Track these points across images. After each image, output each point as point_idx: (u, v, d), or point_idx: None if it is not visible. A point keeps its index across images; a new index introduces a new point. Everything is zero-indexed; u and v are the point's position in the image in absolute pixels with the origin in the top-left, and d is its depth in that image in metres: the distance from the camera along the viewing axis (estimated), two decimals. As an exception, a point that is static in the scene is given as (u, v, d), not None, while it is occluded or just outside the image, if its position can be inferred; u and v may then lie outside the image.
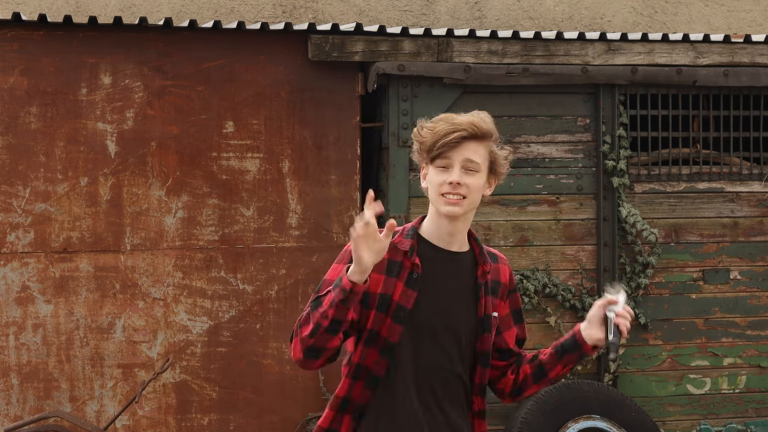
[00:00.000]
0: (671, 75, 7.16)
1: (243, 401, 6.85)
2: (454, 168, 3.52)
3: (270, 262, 6.87)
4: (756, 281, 7.37)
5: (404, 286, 3.52)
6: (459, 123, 3.55)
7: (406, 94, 6.93)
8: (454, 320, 3.57)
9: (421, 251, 3.57)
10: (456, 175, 3.51)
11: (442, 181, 3.52)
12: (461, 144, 3.52)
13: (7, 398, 6.63)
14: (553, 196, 7.14)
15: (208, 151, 6.82)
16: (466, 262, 3.61)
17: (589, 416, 6.81)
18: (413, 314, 3.51)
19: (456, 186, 3.51)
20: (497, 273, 3.67)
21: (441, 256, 3.58)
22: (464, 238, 3.61)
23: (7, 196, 6.63)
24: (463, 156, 3.52)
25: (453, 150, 3.52)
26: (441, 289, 3.57)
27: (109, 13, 8.53)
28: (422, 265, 3.54)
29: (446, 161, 3.52)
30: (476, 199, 3.55)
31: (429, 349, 3.54)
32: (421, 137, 3.58)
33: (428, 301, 3.54)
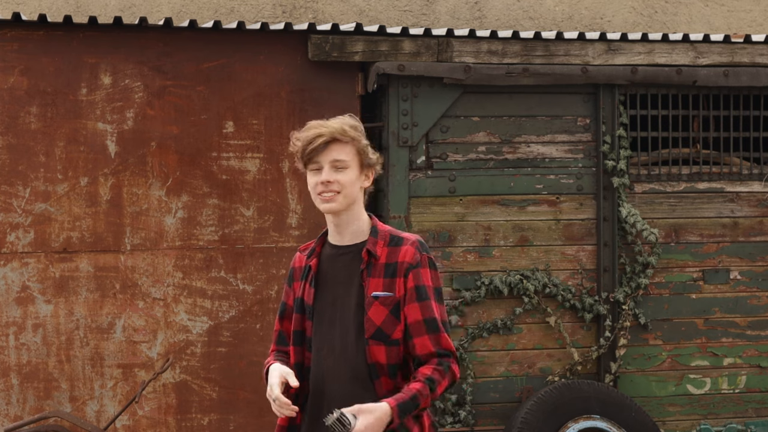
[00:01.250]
0: (671, 75, 7.16)
1: (243, 401, 6.85)
2: (324, 169, 3.89)
3: (270, 262, 6.87)
4: (756, 281, 7.37)
5: (308, 285, 3.99)
6: (323, 128, 3.90)
7: (406, 94, 6.93)
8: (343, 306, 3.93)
9: (323, 252, 4.01)
10: (325, 175, 3.88)
11: (316, 182, 3.91)
12: (327, 147, 3.88)
13: (7, 398, 6.63)
14: (553, 196, 7.14)
15: (208, 151, 6.82)
16: (357, 252, 3.94)
17: (589, 416, 6.81)
18: (314, 308, 3.96)
19: (327, 184, 3.88)
20: (395, 254, 3.91)
21: (335, 252, 3.98)
22: (359, 229, 3.96)
23: (7, 196, 6.63)
24: (330, 157, 3.88)
25: (320, 153, 3.88)
26: (333, 280, 3.96)
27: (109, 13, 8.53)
28: (321, 263, 3.99)
29: (317, 164, 3.90)
30: (352, 193, 3.91)
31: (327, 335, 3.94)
32: (294, 146, 3.95)
33: (323, 293, 3.96)
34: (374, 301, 3.88)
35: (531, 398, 6.88)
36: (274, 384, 3.90)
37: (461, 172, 7.02)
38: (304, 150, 3.89)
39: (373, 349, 3.88)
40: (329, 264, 3.98)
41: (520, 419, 6.76)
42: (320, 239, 4.04)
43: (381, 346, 3.88)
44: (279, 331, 4.11)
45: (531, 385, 7.09)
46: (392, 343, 3.88)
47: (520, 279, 7.04)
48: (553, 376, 7.09)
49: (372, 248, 3.91)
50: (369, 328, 3.88)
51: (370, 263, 3.91)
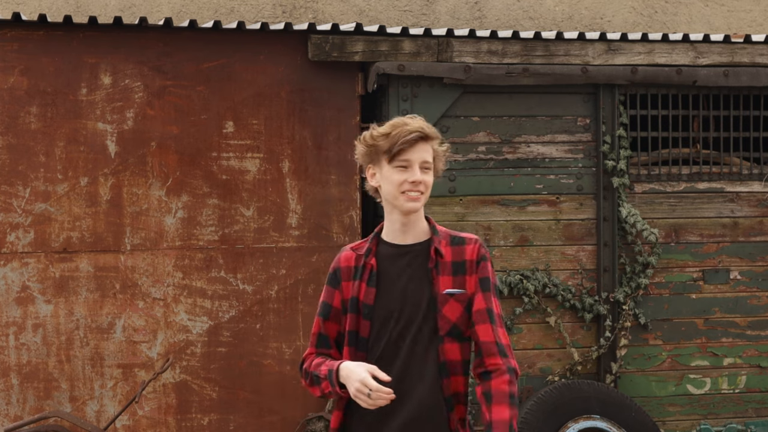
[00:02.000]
0: (671, 75, 7.16)
1: (243, 401, 6.85)
2: (413, 167, 3.87)
3: (270, 262, 6.87)
4: (756, 281, 7.37)
5: (366, 285, 3.93)
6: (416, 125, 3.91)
7: (406, 94, 6.93)
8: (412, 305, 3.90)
9: (379, 251, 3.97)
10: (418, 174, 3.86)
11: (403, 179, 3.87)
12: (417, 144, 3.87)
13: (7, 398, 6.63)
14: (553, 196, 7.14)
15: (208, 151, 6.82)
16: (422, 251, 3.95)
17: (589, 416, 6.81)
18: (375, 308, 3.91)
19: (417, 184, 3.86)
20: (461, 253, 3.95)
21: (397, 251, 3.95)
22: (420, 230, 3.97)
23: (7, 196, 6.63)
24: (420, 157, 3.88)
25: (410, 150, 3.86)
26: (398, 280, 3.93)
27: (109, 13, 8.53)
28: (380, 263, 3.94)
29: (406, 161, 3.86)
30: (428, 195, 3.93)
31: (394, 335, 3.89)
32: (375, 141, 3.90)
33: (386, 294, 3.92)
34: (449, 299, 3.90)
35: (531, 398, 6.88)
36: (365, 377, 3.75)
37: (461, 172, 7.02)
38: (394, 144, 3.85)
39: (447, 346, 3.89)
40: (390, 263, 3.95)
41: (520, 419, 6.76)
42: (374, 239, 3.99)
43: (455, 343, 3.90)
44: (319, 333, 4.03)
45: (531, 385, 7.09)
46: (465, 339, 3.93)
47: (520, 279, 7.04)
48: (553, 376, 7.09)
49: (439, 247, 3.92)
50: (444, 326, 3.89)
51: (438, 261, 3.92)
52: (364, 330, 3.92)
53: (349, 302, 3.94)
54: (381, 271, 3.94)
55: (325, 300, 4.01)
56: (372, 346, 3.91)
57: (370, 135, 3.91)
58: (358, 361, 3.87)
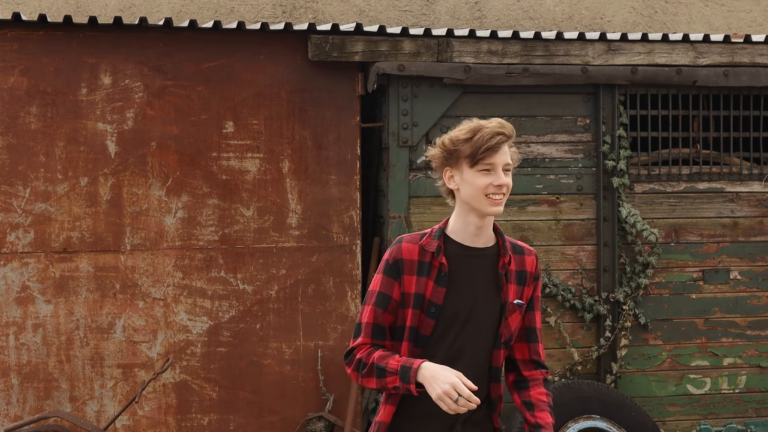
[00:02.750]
0: (671, 75, 7.16)
1: (243, 401, 6.85)
2: (497, 171, 3.84)
3: (270, 262, 6.87)
4: (756, 281, 7.37)
5: (434, 284, 3.87)
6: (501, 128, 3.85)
7: (406, 94, 6.93)
8: (480, 310, 3.90)
9: (448, 250, 3.91)
10: (502, 178, 3.84)
11: (488, 183, 3.83)
12: (501, 148, 3.84)
13: (7, 398, 6.63)
14: (553, 196, 7.14)
15: (208, 151, 6.82)
16: (491, 256, 3.94)
17: (589, 416, 6.81)
18: (443, 308, 3.88)
19: (501, 187, 3.85)
20: (522, 263, 3.98)
21: (467, 253, 3.91)
22: (490, 234, 3.95)
23: (7, 196, 6.63)
24: (503, 159, 3.84)
25: (495, 154, 3.83)
26: (467, 283, 3.90)
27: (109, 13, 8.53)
28: (449, 262, 3.89)
29: (489, 165, 3.83)
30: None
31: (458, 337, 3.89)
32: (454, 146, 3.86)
33: (456, 295, 3.89)
34: (516, 309, 3.95)
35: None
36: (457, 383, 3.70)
37: (461, 172, 7.01)
38: (479, 149, 3.82)
39: (501, 352, 3.95)
40: (461, 264, 3.91)
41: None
42: (441, 237, 3.92)
43: (504, 350, 3.97)
44: (375, 324, 3.92)
45: (531, 385, 7.09)
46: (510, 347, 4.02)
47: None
48: (553, 376, 7.09)
49: (511, 254, 3.96)
50: (505, 333, 3.94)
51: (507, 269, 3.95)
52: (426, 328, 3.88)
53: (413, 297, 3.88)
54: (452, 271, 3.90)
55: (383, 290, 3.91)
56: (433, 344, 3.89)
57: (450, 140, 3.87)
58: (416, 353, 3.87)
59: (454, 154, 3.86)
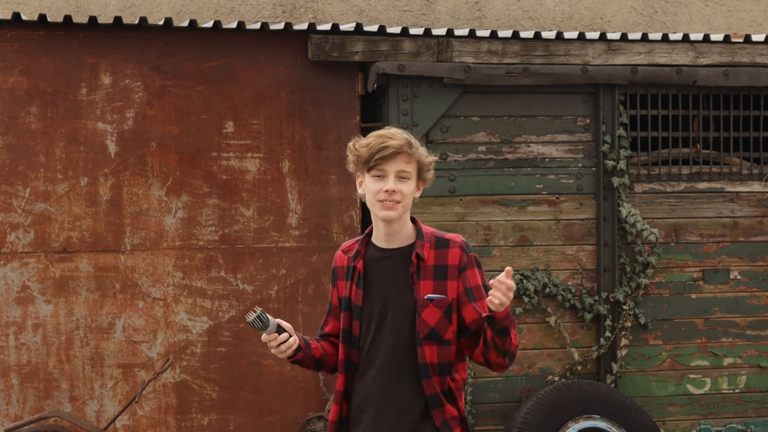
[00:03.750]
0: (671, 75, 7.16)
1: (243, 401, 6.85)
2: (389, 177, 3.99)
3: (270, 262, 6.87)
4: (756, 281, 7.37)
5: (355, 286, 4.10)
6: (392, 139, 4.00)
7: (406, 94, 6.93)
8: (394, 308, 4.05)
9: (367, 253, 4.12)
10: (391, 184, 3.98)
11: (379, 189, 4.00)
12: (396, 157, 3.98)
13: (7, 398, 6.63)
14: (553, 196, 7.14)
15: (208, 151, 6.82)
16: (405, 255, 4.08)
17: (589, 416, 6.81)
18: (363, 309, 4.08)
19: (392, 193, 3.99)
20: (443, 256, 4.06)
21: (382, 254, 4.09)
22: (406, 234, 4.09)
23: (7, 196, 6.63)
24: (397, 167, 3.99)
25: (387, 162, 3.98)
26: (382, 283, 4.08)
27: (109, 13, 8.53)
28: (367, 265, 4.10)
29: (382, 171, 4.00)
30: (408, 203, 4.05)
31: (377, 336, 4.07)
32: (357, 152, 4.03)
33: (372, 295, 4.08)
34: (428, 303, 4.02)
35: (531, 398, 6.88)
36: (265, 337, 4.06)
37: (461, 172, 7.02)
38: (372, 156, 3.98)
39: (426, 349, 4.01)
40: (376, 266, 4.10)
41: (520, 419, 6.76)
42: (363, 241, 4.15)
43: (433, 345, 4.02)
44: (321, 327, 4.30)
45: (531, 385, 7.09)
46: (444, 342, 4.03)
47: (520, 279, 7.04)
48: (553, 376, 7.09)
49: (420, 252, 4.04)
50: (423, 329, 4.01)
51: (419, 266, 4.05)
52: (355, 329, 4.09)
53: (343, 301, 4.13)
54: (367, 273, 4.09)
55: (329, 299, 4.24)
56: (362, 344, 4.08)
57: (353, 145, 4.05)
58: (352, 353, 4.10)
59: (360, 160, 4.02)
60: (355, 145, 4.05)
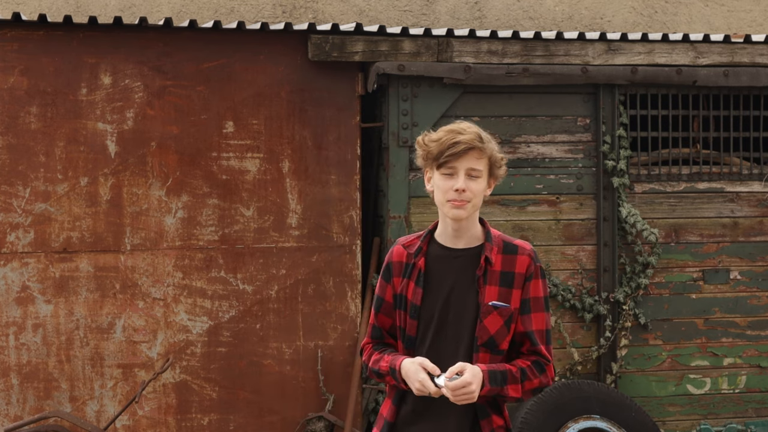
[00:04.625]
0: (671, 75, 7.16)
1: (243, 401, 6.85)
2: (459, 175, 3.86)
3: (270, 262, 6.87)
4: (756, 281, 7.37)
5: (414, 284, 3.95)
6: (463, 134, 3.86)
7: (406, 94, 6.93)
8: (456, 311, 3.92)
9: (430, 251, 3.97)
10: (461, 182, 3.85)
11: (449, 187, 3.87)
12: (466, 154, 3.85)
13: (7, 398, 6.63)
14: (553, 196, 7.14)
15: (208, 151, 6.82)
16: (472, 257, 3.94)
17: (589, 416, 6.81)
18: (422, 309, 3.94)
19: (461, 192, 3.85)
20: (511, 263, 3.94)
21: (448, 254, 3.94)
22: (474, 235, 3.95)
23: (7, 196, 6.63)
24: (467, 165, 3.85)
25: (458, 159, 3.85)
26: (445, 283, 3.94)
27: (109, 13, 8.53)
28: (430, 263, 3.94)
29: (452, 169, 3.86)
30: (478, 202, 3.90)
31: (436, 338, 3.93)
32: (427, 147, 3.89)
33: (433, 295, 3.93)
34: (492, 311, 3.91)
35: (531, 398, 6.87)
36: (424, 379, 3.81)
37: (461, 172, 7.01)
38: (442, 152, 3.84)
39: (481, 356, 3.89)
40: (440, 266, 3.96)
41: (520, 419, 6.76)
42: (426, 237, 3.99)
43: (488, 354, 3.90)
44: (373, 325, 4.07)
45: (531, 385, 7.08)
46: (499, 352, 3.92)
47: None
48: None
49: (489, 255, 3.91)
50: (482, 336, 3.89)
51: (486, 270, 3.92)
52: (411, 329, 3.95)
53: (399, 299, 3.98)
54: (429, 272, 3.95)
55: (378, 293, 4.04)
56: (418, 345, 3.95)
57: (422, 139, 3.92)
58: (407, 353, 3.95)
59: (429, 156, 3.90)
60: (425, 139, 3.91)
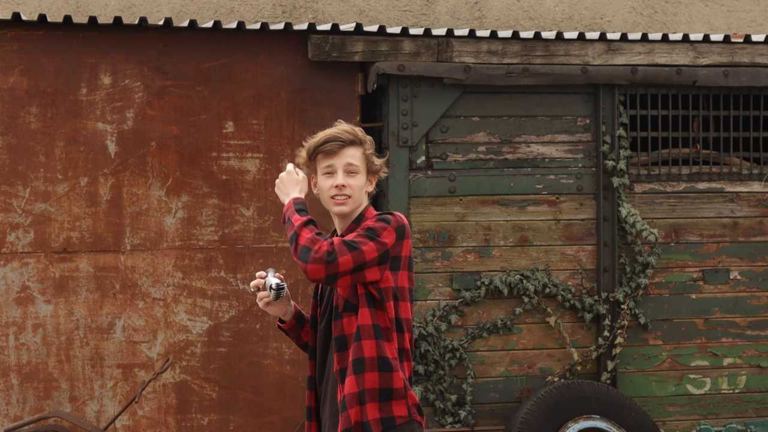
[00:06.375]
0: (671, 75, 7.17)
1: (243, 401, 6.85)
2: (337, 172, 4.04)
3: (270, 262, 6.87)
4: (756, 281, 7.37)
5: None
6: (337, 132, 4.07)
7: (406, 94, 6.93)
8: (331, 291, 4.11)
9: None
10: (340, 179, 4.03)
11: (330, 185, 4.05)
12: (341, 150, 4.04)
13: (7, 398, 6.64)
14: (553, 196, 7.14)
15: (208, 151, 6.82)
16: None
17: (589, 416, 6.81)
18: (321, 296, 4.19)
19: (341, 188, 4.04)
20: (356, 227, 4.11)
21: None
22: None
23: (7, 196, 6.63)
24: (344, 161, 4.04)
25: (335, 156, 4.04)
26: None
27: (109, 13, 8.53)
28: None
29: (330, 167, 4.05)
30: (360, 197, 4.08)
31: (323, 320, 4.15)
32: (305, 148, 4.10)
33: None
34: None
35: (531, 398, 6.88)
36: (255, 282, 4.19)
37: (461, 172, 7.02)
38: (317, 151, 4.05)
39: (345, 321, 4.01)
40: None
41: (520, 419, 6.76)
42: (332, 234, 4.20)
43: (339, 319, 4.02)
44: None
45: (531, 385, 7.09)
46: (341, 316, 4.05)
47: (520, 279, 7.04)
48: (553, 376, 7.09)
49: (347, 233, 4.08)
50: (339, 303, 4.03)
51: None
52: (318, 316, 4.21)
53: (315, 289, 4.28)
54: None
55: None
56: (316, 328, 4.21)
57: (305, 145, 4.11)
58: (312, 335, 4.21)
59: (308, 155, 4.09)
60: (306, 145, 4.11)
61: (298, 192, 4.10)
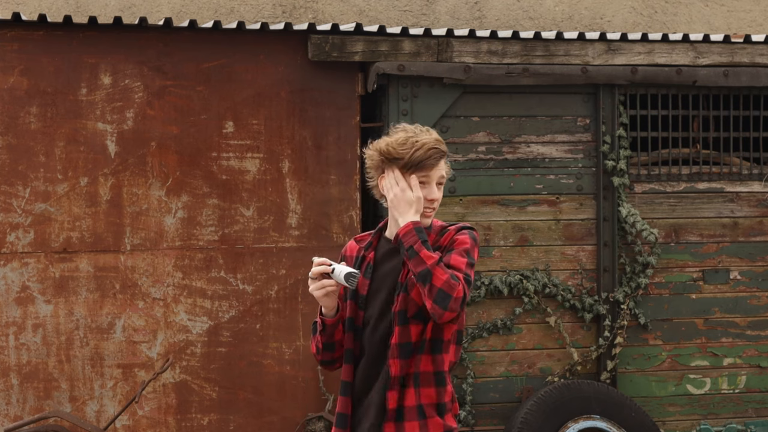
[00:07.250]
0: (671, 75, 7.17)
1: (243, 401, 6.85)
2: (431, 185, 3.92)
3: (270, 262, 6.87)
4: (756, 281, 7.37)
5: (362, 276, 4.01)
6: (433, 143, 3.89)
7: (406, 94, 6.93)
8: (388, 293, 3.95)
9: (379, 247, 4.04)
10: (434, 193, 3.92)
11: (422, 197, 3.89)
12: (439, 163, 3.91)
13: (7, 398, 6.64)
14: (553, 196, 7.14)
15: (208, 151, 6.82)
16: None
17: (589, 416, 6.81)
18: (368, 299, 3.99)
19: (432, 202, 3.93)
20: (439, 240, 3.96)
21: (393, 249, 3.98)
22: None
23: (7, 196, 6.63)
24: (438, 174, 3.92)
25: (433, 168, 3.89)
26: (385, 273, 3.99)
27: (109, 13, 8.53)
28: (378, 257, 4.01)
29: (426, 177, 3.90)
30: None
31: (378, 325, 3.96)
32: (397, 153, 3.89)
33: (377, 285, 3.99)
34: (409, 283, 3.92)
35: (531, 398, 6.88)
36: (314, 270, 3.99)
37: (461, 172, 7.02)
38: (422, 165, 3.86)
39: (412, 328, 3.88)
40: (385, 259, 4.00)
41: (520, 419, 6.76)
42: (377, 233, 4.07)
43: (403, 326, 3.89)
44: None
45: (531, 385, 7.09)
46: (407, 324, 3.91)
47: (520, 279, 7.04)
48: (553, 376, 7.09)
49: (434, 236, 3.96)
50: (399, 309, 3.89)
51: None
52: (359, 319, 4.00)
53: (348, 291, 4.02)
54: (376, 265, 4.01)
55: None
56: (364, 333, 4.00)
57: (387, 145, 3.91)
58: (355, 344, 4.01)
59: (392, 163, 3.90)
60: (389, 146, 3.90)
61: (413, 214, 3.87)
